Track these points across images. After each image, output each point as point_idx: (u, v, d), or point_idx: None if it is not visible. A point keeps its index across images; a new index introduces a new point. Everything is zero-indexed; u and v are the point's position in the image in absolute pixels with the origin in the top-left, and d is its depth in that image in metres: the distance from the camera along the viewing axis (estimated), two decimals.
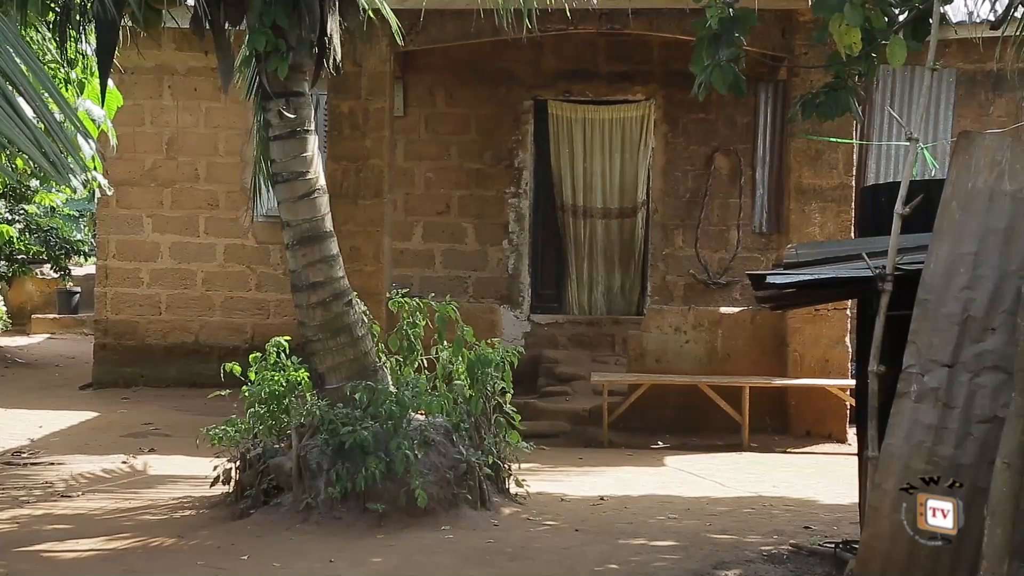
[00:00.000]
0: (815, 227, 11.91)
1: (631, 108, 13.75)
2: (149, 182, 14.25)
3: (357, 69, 11.75)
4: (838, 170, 11.97)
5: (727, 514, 8.41)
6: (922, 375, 5.31)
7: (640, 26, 11.94)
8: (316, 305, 8.24)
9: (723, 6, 6.66)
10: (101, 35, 7.67)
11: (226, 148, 14.21)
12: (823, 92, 6.98)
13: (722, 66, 6.57)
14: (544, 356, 13.18)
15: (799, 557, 6.88)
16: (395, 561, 6.84)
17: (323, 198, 8.46)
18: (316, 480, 7.60)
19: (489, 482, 8.20)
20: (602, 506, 8.67)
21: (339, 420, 7.67)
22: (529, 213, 13.93)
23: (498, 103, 13.78)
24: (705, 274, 13.74)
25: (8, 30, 5.89)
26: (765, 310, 11.40)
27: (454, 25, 11.79)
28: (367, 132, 12.07)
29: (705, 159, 13.71)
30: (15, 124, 5.53)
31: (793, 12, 11.62)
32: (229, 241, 14.25)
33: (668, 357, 12.22)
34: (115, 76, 8.47)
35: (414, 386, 8.17)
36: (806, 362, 11.96)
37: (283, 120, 8.23)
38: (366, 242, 11.97)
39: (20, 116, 5.65)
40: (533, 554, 7.07)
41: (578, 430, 11.80)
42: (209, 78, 13.65)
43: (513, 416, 8.58)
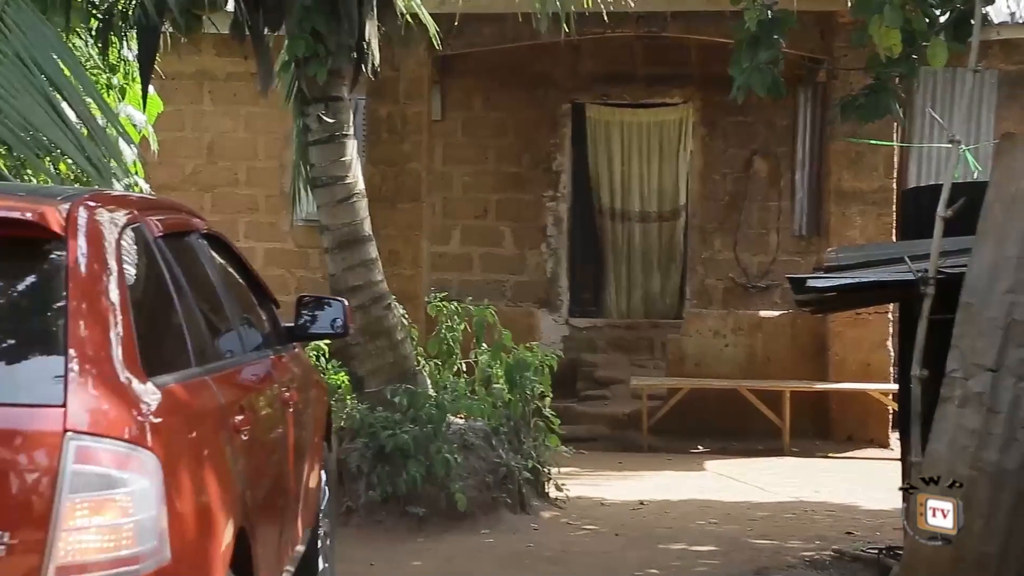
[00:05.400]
0: (855, 230, 11.82)
1: (669, 111, 13.70)
2: (190, 187, 14.33)
3: (395, 74, 11.77)
4: (879, 172, 11.88)
5: (768, 519, 8.37)
6: (966, 379, 5.26)
7: (678, 29, 11.89)
8: (355, 309, 8.24)
9: (762, 8, 6.64)
10: (143, 41, 7.74)
11: (266, 153, 14.27)
12: (863, 94, 6.96)
13: (761, 68, 6.56)
14: (583, 360, 13.15)
15: (842, 563, 6.83)
16: (435, 565, 6.85)
17: (362, 202, 8.49)
18: (356, 483, 7.63)
19: (529, 486, 8.19)
20: (642, 510, 8.65)
21: (379, 424, 7.69)
22: (567, 217, 13.90)
23: (536, 107, 13.77)
24: (744, 278, 13.67)
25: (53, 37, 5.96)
26: (805, 314, 11.30)
27: (491, 29, 11.80)
28: (405, 136, 12.10)
29: (744, 162, 13.64)
30: (60, 128, 5.59)
31: (832, 14, 11.54)
32: (269, 245, 14.30)
33: (707, 361, 12.16)
34: (156, 82, 8.53)
35: (453, 390, 8.20)
36: (847, 366, 11.87)
37: (322, 125, 8.27)
38: (405, 246, 11.99)
39: (64, 121, 5.72)
40: (573, 558, 7.06)
41: (617, 434, 11.78)
42: (249, 83, 13.70)
43: (552, 420, 8.58)
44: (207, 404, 3.66)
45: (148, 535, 2.94)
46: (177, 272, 3.85)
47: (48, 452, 2.88)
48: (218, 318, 4.33)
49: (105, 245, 3.33)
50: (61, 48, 6.13)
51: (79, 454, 2.88)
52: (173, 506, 3.04)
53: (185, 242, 4.22)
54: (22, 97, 5.56)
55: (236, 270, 5.03)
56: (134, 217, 3.67)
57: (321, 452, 5.62)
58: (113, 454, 2.92)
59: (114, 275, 3.28)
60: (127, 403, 3.04)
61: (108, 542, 2.88)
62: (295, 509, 4.74)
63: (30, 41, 5.73)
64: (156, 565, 2.96)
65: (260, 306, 5.21)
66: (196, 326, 3.88)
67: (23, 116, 5.51)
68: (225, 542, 3.40)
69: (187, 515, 3.15)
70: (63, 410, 2.91)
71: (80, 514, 2.87)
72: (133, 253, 3.55)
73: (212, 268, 4.44)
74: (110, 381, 3.04)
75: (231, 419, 3.78)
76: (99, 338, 3.09)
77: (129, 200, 3.96)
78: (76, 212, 3.30)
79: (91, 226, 3.31)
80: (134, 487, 2.93)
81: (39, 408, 2.93)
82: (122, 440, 2.95)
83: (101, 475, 2.90)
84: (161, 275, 3.74)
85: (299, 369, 5.39)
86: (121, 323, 3.19)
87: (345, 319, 5.40)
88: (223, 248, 4.87)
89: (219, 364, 3.99)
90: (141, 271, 3.61)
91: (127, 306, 3.25)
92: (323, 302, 5.50)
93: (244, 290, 5.04)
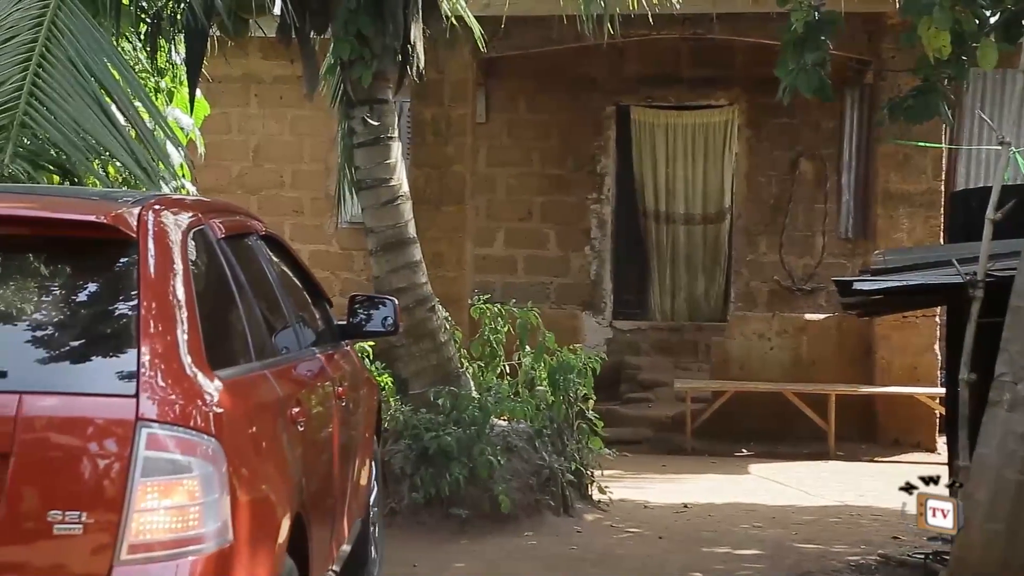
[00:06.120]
0: (903, 233, 11.74)
1: (714, 113, 13.65)
2: (236, 189, 14.43)
3: (440, 76, 11.80)
4: (927, 175, 11.78)
5: (813, 523, 8.31)
6: (1015, 383, 5.20)
7: (723, 31, 11.84)
8: (399, 311, 8.28)
9: (808, 10, 6.60)
10: (190, 45, 7.80)
11: (311, 155, 14.36)
12: (912, 96, 6.89)
13: (808, 70, 6.52)
14: (626, 362, 13.12)
15: (888, 568, 6.78)
16: (478, 567, 6.86)
17: (406, 204, 8.52)
18: (400, 485, 7.65)
19: (572, 488, 8.19)
20: (685, 514, 8.62)
21: (423, 425, 7.71)
22: (611, 219, 13.88)
23: (580, 109, 13.76)
24: (790, 280, 13.59)
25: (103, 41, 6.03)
26: (851, 317, 11.23)
27: (536, 31, 11.80)
28: (449, 139, 12.12)
29: (789, 164, 13.56)
30: (109, 131, 5.66)
31: (880, 15, 11.46)
32: (314, 247, 14.37)
33: (752, 364, 12.11)
34: (203, 85, 8.59)
35: (496, 392, 8.20)
36: (894, 370, 11.78)
37: (367, 127, 8.30)
38: (448, 248, 12.02)
39: (113, 124, 5.79)
40: (616, 561, 7.05)
41: (661, 437, 11.74)
42: (294, 86, 13.77)
43: (596, 422, 8.56)
44: (266, 396, 3.85)
45: (212, 517, 3.12)
46: (238, 272, 4.05)
47: (121, 439, 3.07)
48: (276, 316, 4.52)
49: (172, 246, 3.53)
50: (111, 52, 6.21)
51: (150, 441, 3.08)
52: (235, 491, 3.22)
53: (245, 243, 4.42)
54: (73, 100, 5.64)
55: (292, 270, 5.24)
56: (198, 220, 3.87)
57: (371, 446, 5.89)
58: (181, 441, 3.12)
59: (181, 275, 3.47)
60: (194, 394, 3.23)
61: (176, 523, 3.07)
62: (346, 499, 4.92)
63: (81, 45, 5.82)
64: (219, 546, 3.13)
65: (314, 305, 5.43)
66: (256, 323, 4.08)
67: (74, 119, 5.60)
68: (283, 527, 3.58)
69: (248, 499, 3.32)
70: (135, 400, 3.11)
71: (151, 496, 3.06)
72: (198, 254, 3.75)
73: (270, 268, 4.65)
74: (178, 374, 3.23)
75: (288, 411, 3.97)
76: (168, 334, 3.29)
77: (193, 204, 4.18)
78: (146, 215, 3.52)
79: (160, 229, 3.53)
80: (200, 472, 3.12)
81: (113, 398, 3.13)
82: (189, 428, 3.14)
83: (170, 460, 3.10)
84: (223, 275, 3.94)
85: (350, 366, 5.59)
86: (187, 320, 3.38)
87: (395, 317, 5.63)
88: (280, 249, 5.09)
89: (277, 359, 4.21)
90: (205, 271, 3.81)
91: (193, 304, 3.44)
92: (375, 301, 5.73)
93: (299, 290, 5.25)
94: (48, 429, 3.08)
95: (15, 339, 3.27)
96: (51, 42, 5.69)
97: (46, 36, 5.69)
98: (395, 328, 5.67)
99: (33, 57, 5.61)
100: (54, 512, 2.99)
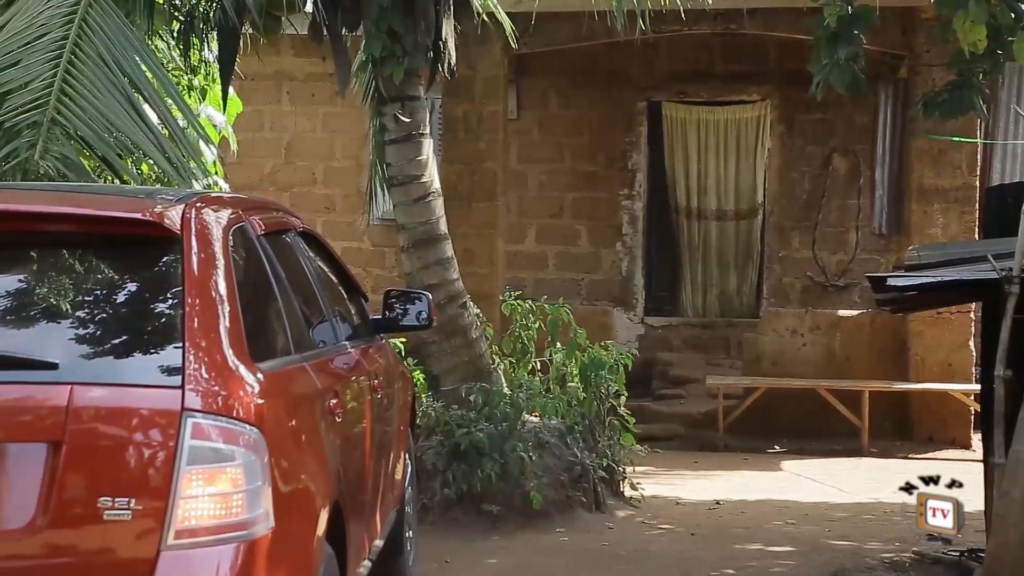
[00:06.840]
0: (937, 228, 11.65)
1: (746, 109, 13.59)
2: (268, 186, 14.49)
3: (471, 73, 11.81)
4: (961, 170, 11.69)
5: (847, 520, 8.27)
6: None
7: (756, 26, 11.79)
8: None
9: (842, 4, 6.56)
10: (223, 42, 7.84)
11: (343, 152, 14.40)
12: (946, 90, 6.85)
13: (841, 65, 6.49)
14: (658, 359, 13.09)
15: (922, 565, 6.73)
16: (510, 563, 6.87)
17: (438, 201, 8.53)
18: (432, 481, 7.67)
19: (603, 485, 8.18)
20: (718, 510, 8.60)
21: (454, 422, 7.72)
22: (643, 215, 13.84)
23: (611, 105, 13.73)
24: (823, 276, 13.52)
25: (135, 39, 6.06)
26: (885, 313, 11.17)
27: (567, 28, 11.78)
28: (481, 135, 12.13)
29: (822, 160, 13.49)
30: (141, 129, 5.70)
31: (914, 9, 11.38)
32: (346, 244, 14.39)
33: (785, 360, 12.06)
34: (236, 83, 8.63)
35: (528, 388, 8.20)
36: (928, 366, 11.70)
37: (399, 124, 8.32)
38: (480, 245, 12.03)
39: (146, 122, 5.82)
40: (648, 558, 7.04)
41: (693, 433, 11.71)
42: (326, 84, 13.82)
43: (627, 419, 8.55)
44: (305, 388, 3.96)
45: (255, 504, 3.23)
46: (277, 267, 4.16)
47: (167, 429, 3.18)
48: (313, 310, 4.62)
49: (215, 243, 3.63)
50: (143, 50, 6.24)
51: (195, 430, 3.18)
52: (276, 479, 3.32)
53: (283, 239, 4.54)
54: (105, 98, 5.67)
55: (328, 266, 5.35)
56: (239, 217, 3.98)
57: (406, 440, 5.99)
58: (224, 431, 3.22)
59: (223, 270, 3.58)
60: (236, 386, 3.33)
61: (220, 509, 3.18)
62: (381, 490, 5.00)
63: (113, 43, 5.85)
64: (261, 532, 3.24)
65: (350, 300, 5.53)
66: (295, 317, 4.18)
67: (106, 117, 5.62)
68: (322, 515, 3.68)
69: (289, 488, 3.43)
70: (180, 391, 3.22)
71: (196, 484, 3.16)
72: (239, 250, 3.85)
73: (308, 264, 4.76)
74: (221, 366, 3.34)
75: (326, 402, 4.06)
76: (211, 327, 3.40)
77: (233, 201, 4.26)
78: (189, 213, 3.63)
79: (202, 225, 3.64)
80: (243, 460, 3.23)
81: (159, 389, 3.24)
82: (232, 418, 3.24)
83: (214, 449, 3.21)
84: (263, 270, 4.04)
85: (386, 360, 5.67)
86: (230, 314, 3.48)
87: (429, 311, 5.74)
88: (317, 245, 5.23)
89: (315, 352, 4.32)
90: (246, 266, 3.89)
91: (235, 298, 3.55)
92: (410, 296, 5.85)
93: (336, 285, 5.36)
94: (98, 419, 3.18)
95: (65, 333, 3.36)
96: (82, 39, 5.72)
97: (77, 34, 5.72)
98: (429, 322, 5.76)
99: (64, 54, 5.64)
100: (104, 499, 3.09)
